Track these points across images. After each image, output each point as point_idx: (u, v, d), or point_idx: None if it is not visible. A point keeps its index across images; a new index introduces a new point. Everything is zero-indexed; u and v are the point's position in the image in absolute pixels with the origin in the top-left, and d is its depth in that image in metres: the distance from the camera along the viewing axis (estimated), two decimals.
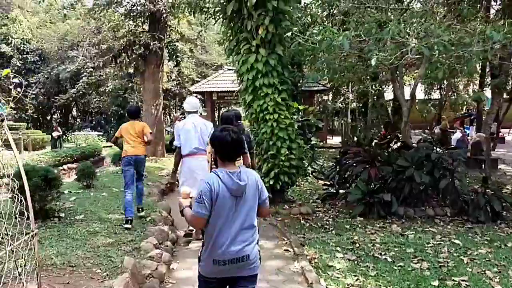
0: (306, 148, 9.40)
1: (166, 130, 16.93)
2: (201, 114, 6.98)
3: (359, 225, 7.53)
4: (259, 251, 2.92)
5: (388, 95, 22.63)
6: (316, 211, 8.65)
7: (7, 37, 30.63)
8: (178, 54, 16.74)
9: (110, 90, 29.89)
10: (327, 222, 7.82)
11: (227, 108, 36.76)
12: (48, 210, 5.86)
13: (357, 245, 6.41)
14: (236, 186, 2.71)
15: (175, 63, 16.94)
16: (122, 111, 32.47)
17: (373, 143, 9.65)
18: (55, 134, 21.41)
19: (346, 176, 9.41)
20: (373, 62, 6.45)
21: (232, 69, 24.29)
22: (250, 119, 8.88)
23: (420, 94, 26.62)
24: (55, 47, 30.97)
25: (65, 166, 12.60)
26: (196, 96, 32.92)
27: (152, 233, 5.65)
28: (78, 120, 41.46)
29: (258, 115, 8.52)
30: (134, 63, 16.31)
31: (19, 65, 31.03)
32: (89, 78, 26.05)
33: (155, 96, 16.72)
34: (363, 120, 22.79)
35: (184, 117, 6.98)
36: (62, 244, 4.82)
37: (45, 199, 5.65)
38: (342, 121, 25.92)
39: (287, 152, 8.42)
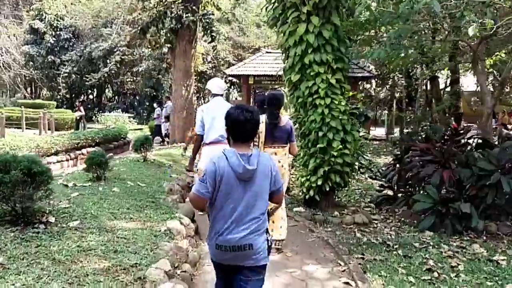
0: (361, 142, 7.76)
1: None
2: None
3: (431, 243, 5.95)
4: (268, 240, 2.75)
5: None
6: (372, 220, 7.07)
7: (41, 13, 29.95)
8: (213, 29, 15.24)
9: (143, 71, 28.96)
10: (389, 237, 6.27)
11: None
12: (36, 211, 4.50)
13: (435, 273, 4.91)
14: (242, 169, 2.60)
15: (210, 39, 15.51)
16: (155, 93, 31.56)
17: (445, 139, 7.87)
18: (77, 114, 20.34)
19: (407, 177, 7.80)
20: (470, 32, 4.78)
21: (270, 52, 22.73)
22: (296, 104, 7.28)
23: (471, 86, 25.18)
24: (89, 24, 30.20)
25: (84, 150, 11.30)
26: (231, 78, 31.79)
27: (165, 252, 4.11)
28: (112, 100, 40.91)
29: (306, 99, 6.96)
30: (165, 38, 14.89)
31: (52, 42, 30.39)
32: (122, 57, 25.02)
33: (186, 75, 15.25)
34: (411, 110, 20.91)
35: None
36: (35, 269, 3.37)
37: (29, 199, 4.28)
38: (388, 111, 24.01)
39: (340, 146, 6.85)
